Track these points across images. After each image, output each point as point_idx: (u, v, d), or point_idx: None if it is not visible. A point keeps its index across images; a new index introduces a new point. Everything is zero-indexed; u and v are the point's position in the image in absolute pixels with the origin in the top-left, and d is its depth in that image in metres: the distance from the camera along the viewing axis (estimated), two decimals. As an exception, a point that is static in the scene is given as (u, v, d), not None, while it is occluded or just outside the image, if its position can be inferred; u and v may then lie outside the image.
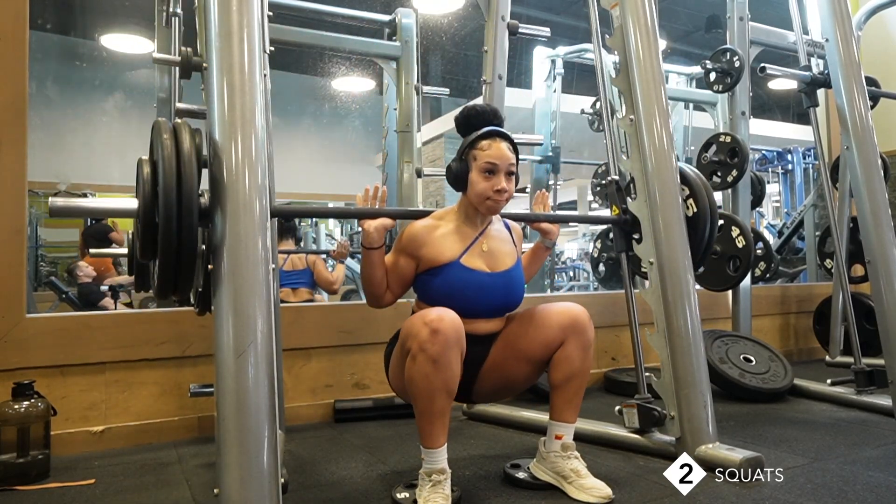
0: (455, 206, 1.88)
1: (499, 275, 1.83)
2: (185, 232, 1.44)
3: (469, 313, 1.76)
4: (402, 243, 1.82)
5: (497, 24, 2.62)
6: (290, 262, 3.78)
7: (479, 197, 1.79)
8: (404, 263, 1.82)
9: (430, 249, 1.79)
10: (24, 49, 2.29)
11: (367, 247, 1.77)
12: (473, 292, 1.79)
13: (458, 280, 1.78)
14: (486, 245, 1.85)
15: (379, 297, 1.85)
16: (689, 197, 2.20)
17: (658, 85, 2.22)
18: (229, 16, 1.55)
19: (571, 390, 1.80)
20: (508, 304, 1.88)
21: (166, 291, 1.55)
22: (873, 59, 4.41)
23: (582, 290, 9.09)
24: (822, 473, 1.91)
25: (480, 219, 1.86)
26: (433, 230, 1.82)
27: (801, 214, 5.27)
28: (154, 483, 1.95)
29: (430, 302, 1.77)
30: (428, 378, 1.58)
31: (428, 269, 1.80)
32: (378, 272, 1.80)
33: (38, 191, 7.21)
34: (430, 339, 1.57)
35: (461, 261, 1.79)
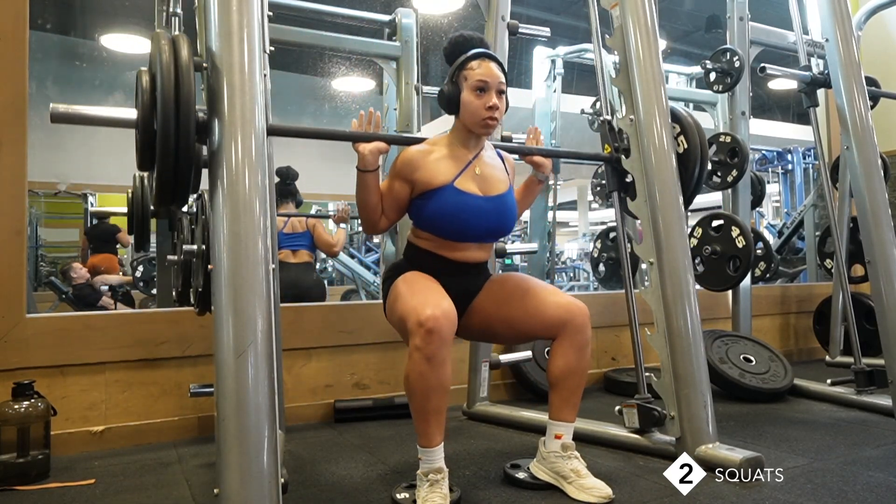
0: (449, 132, 1.91)
1: (492, 198, 1.86)
2: (183, 139, 1.47)
3: (462, 236, 1.81)
4: (396, 168, 1.85)
5: (497, 24, 2.62)
6: (290, 224, 3.77)
7: (472, 116, 1.81)
8: (399, 188, 1.84)
9: (424, 173, 1.81)
10: (24, 49, 2.29)
11: (362, 169, 1.79)
12: (467, 215, 1.81)
13: (452, 203, 1.80)
14: (480, 169, 1.87)
15: (374, 221, 1.88)
16: (680, 134, 2.26)
17: (658, 85, 2.22)
18: (229, 16, 1.55)
19: (569, 389, 1.81)
20: (501, 228, 1.91)
21: (165, 199, 1.56)
22: (873, 59, 4.41)
23: (582, 290, 9.09)
24: (822, 473, 1.91)
25: (474, 142, 1.88)
26: (427, 155, 1.84)
27: (801, 214, 5.27)
28: (154, 483, 1.95)
29: (426, 226, 1.83)
30: (423, 376, 1.61)
31: (422, 192, 1.82)
32: (373, 196, 1.83)
33: (38, 191, 7.22)
34: (425, 339, 1.59)
35: (455, 184, 1.82)
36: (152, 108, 1.49)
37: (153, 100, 1.48)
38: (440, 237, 1.83)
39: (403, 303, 1.71)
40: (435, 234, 1.83)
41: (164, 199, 1.56)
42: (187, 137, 1.47)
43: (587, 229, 13.26)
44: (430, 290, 1.71)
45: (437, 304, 1.63)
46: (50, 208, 8.20)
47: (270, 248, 1.51)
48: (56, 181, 7.62)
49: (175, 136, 1.46)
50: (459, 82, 1.83)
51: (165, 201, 1.57)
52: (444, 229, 1.80)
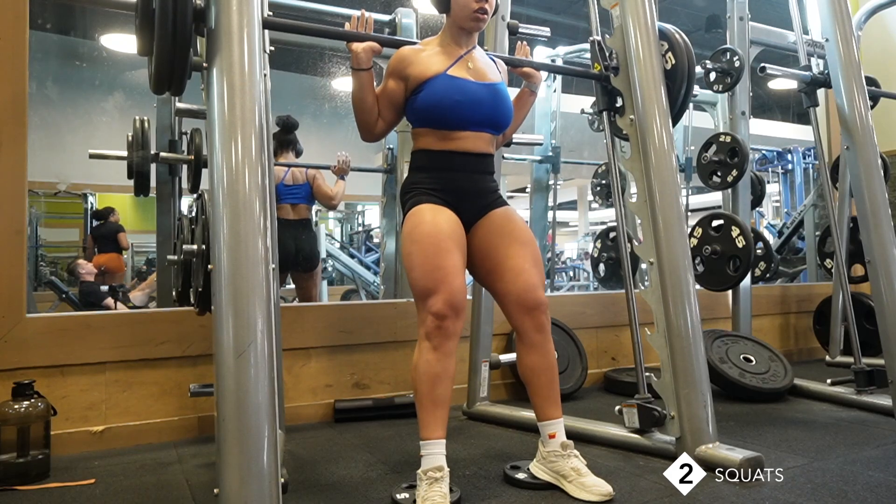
0: (440, 33, 1.95)
1: (486, 84, 1.89)
2: (180, 20, 1.50)
3: (458, 120, 1.83)
4: (391, 67, 1.89)
5: (497, 23, 2.62)
6: (291, 174, 3.72)
7: (462, 10, 1.85)
8: (394, 86, 1.88)
9: (417, 67, 1.85)
10: (24, 49, 2.29)
11: (356, 68, 1.84)
12: (461, 97, 1.84)
13: (445, 86, 1.83)
14: (472, 63, 1.91)
15: (371, 123, 1.91)
16: (668, 51, 2.29)
17: (658, 85, 2.22)
18: (229, 17, 1.55)
19: (543, 386, 1.84)
20: (496, 115, 1.91)
21: (162, 84, 1.59)
22: (873, 59, 4.41)
23: (582, 290, 9.09)
24: (822, 473, 1.91)
25: (465, 39, 1.92)
26: (420, 52, 1.89)
27: (801, 214, 5.26)
28: (154, 483, 1.95)
29: (422, 116, 1.85)
30: (430, 364, 1.68)
31: (416, 86, 1.85)
32: (368, 96, 1.87)
33: (38, 191, 7.21)
34: (434, 332, 1.69)
35: (448, 72, 1.85)
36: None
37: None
38: (437, 127, 1.85)
39: (416, 270, 1.74)
40: (432, 123, 1.85)
41: (161, 83, 1.59)
42: (184, 19, 1.51)
43: (587, 229, 13.26)
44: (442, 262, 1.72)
45: (449, 289, 1.69)
46: (50, 208, 8.20)
47: (270, 248, 1.51)
48: (56, 181, 7.62)
49: (172, 16, 1.49)
50: None
51: (163, 86, 1.60)
52: (439, 115, 1.82)
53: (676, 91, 2.30)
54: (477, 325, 2.68)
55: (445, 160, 1.86)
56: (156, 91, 1.64)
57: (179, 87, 1.63)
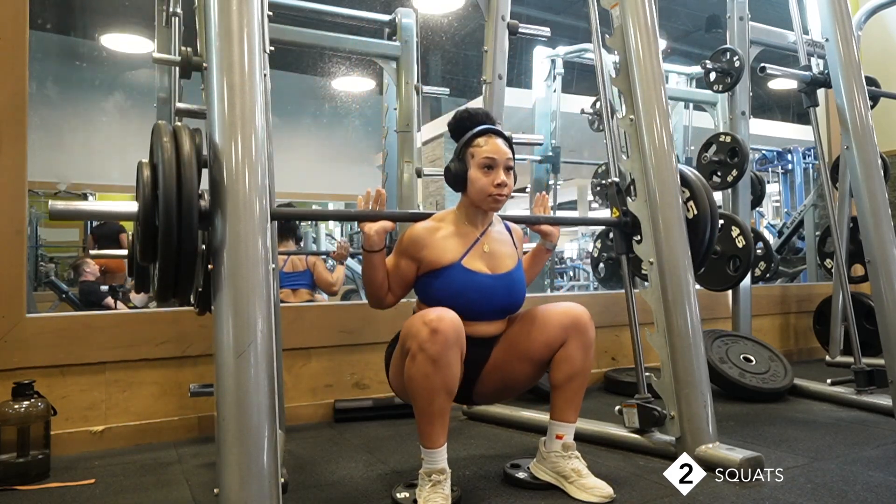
0: (455, 208, 1.88)
1: (500, 276, 1.83)
2: (186, 235, 1.44)
3: (471, 315, 1.76)
4: (403, 246, 1.82)
5: (497, 23, 2.62)
6: (291, 263, 3.78)
7: (480, 193, 1.79)
8: (405, 266, 1.82)
9: (431, 251, 1.79)
10: (24, 49, 2.29)
11: (368, 250, 1.77)
12: (475, 294, 1.78)
13: (460, 282, 1.77)
14: (488, 246, 1.84)
15: (381, 298, 1.85)
16: (690, 199, 2.20)
17: (658, 85, 2.22)
18: (229, 16, 1.55)
19: (572, 390, 1.80)
20: (510, 305, 1.87)
21: (166, 295, 1.55)
22: (873, 59, 4.41)
23: (582, 290, 9.09)
24: (822, 473, 1.91)
25: (481, 219, 1.86)
26: (434, 232, 1.82)
27: (801, 214, 5.27)
28: (154, 483, 1.95)
29: (432, 304, 1.76)
30: (428, 378, 1.58)
31: (429, 271, 1.79)
32: (379, 274, 1.80)
33: (38, 191, 7.21)
34: (429, 338, 1.57)
35: (462, 262, 1.79)
36: (153, 202, 1.45)
37: (154, 194, 1.45)
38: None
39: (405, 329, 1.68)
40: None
41: (164, 295, 1.55)
42: (190, 234, 1.45)
43: (587, 229, 13.25)
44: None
45: (442, 311, 1.62)
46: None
47: (270, 248, 1.51)
48: (56, 181, 7.62)
49: (178, 232, 1.43)
50: (466, 159, 1.81)
51: (167, 296, 1.55)
52: (452, 308, 1.68)
53: (700, 240, 2.17)
54: (477, 325, 2.67)
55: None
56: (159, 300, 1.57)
57: (186, 293, 1.58)
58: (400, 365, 1.72)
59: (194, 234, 1.46)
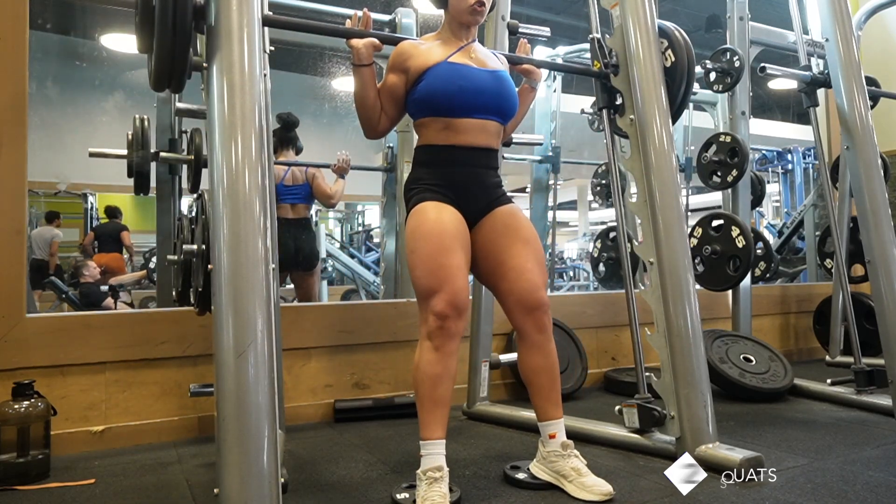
0: (439, 29, 1.95)
1: (489, 70, 1.89)
2: (180, 17, 1.50)
3: (461, 105, 1.81)
4: (391, 61, 1.89)
5: (497, 23, 2.62)
6: (291, 174, 3.71)
7: (460, 3, 1.84)
8: (395, 80, 1.88)
9: (417, 59, 1.85)
10: (24, 49, 2.28)
11: (357, 63, 1.83)
12: (464, 82, 1.83)
13: (448, 72, 1.83)
14: (473, 53, 1.91)
15: (374, 120, 1.91)
16: (668, 48, 2.28)
17: (658, 85, 2.22)
18: (229, 16, 1.55)
19: (544, 387, 1.84)
20: (502, 102, 1.89)
21: (162, 80, 1.59)
22: (873, 59, 4.41)
23: (582, 290, 9.09)
24: (822, 473, 1.91)
25: (465, 33, 1.91)
26: (420, 45, 1.89)
27: (801, 214, 5.26)
28: (154, 483, 1.95)
29: (424, 105, 1.83)
30: (432, 364, 1.68)
31: (417, 77, 1.84)
32: (371, 92, 1.86)
33: (38, 191, 7.21)
34: (436, 332, 1.68)
35: (448, 60, 1.85)
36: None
37: None
38: (441, 114, 1.82)
39: (419, 271, 1.73)
40: (435, 111, 1.83)
41: (161, 79, 1.59)
42: (184, 16, 1.51)
43: (587, 229, 13.26)
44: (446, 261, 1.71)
45: (451, 289, 1.68)
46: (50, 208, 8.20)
47: (270, 248, 1.51)
48: (56, 181, 7.62)
49: (172, 13, 1.49)
50: None
51: (163, 82, 1.60)
52: (443, 100, 1.80)
53: (676, 89, 2.29)
54: (477, 325, 2.68)
55: (448, 155, 1.84)
56: (155, 88, 1.64)
57: (179, 84, 1.63)
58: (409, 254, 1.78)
59: (188, 16, 1.52)
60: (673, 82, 2.27)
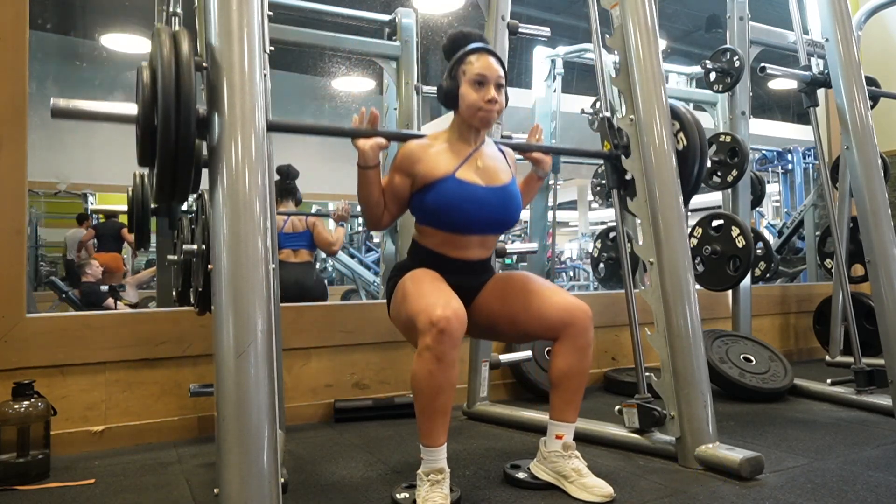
0: (448, 127, 1.90)
1: (494, 188, 1.85)
2: (183, 135, 1.46)
3: (465, 227, 1.80)
4: (397, 162, 1.85)
5: (497, 23, 2.62)
6: (291, 223, 3.76)
7: (470, 109, 1.80)
8: (400, 181, 1.84)
9: (424, 165, 1.80)
10: (24, 49, 2.28)
11: (363, 166, 1.78)
12: (469, 205, 1.79)
13: (454, 193, 1.78)
14: (481, 162, 1.86)
15: (377, 217, 1.87)
16: (680, 131, 2.25)
17: (658, 85, 2.22)
18: (229, 16, 1.55)
19: (571, 390, 1.80)
20: (504, 219, 1.88)
21: (164, 196, 1.57)
22: (873, 59, 4.41)
23: (582, 290, 9.09)
24: (822, 473, 1.91)
25: (474, 136, 1.87)
26: (428, 148, 1.83)
27: (801, 214, 5.27)
28: (154, 483, 1.95)
29: (428, 219, 1.81)
30: (432, 375, 1.59)
31: (423, 185, 1.81)
32: (375, 191, 1.82)
33: (38, 191, 7.22)
34: (436, 339, 1.58)
35: (456, 175, 1.80)
36: (153, 104, 1.48)
37: (154, 95, 1.48)
38: (443, 230, 1.82)
39: (412, 302, 1.69)
40: (437, 226, 1.82)
41: (163, 195, 1.56)
42: (187, 133, 1.47)
43: (587, 229, 13.26)
44: (438, 290, 1.70)
45: (448, 303, 1.62)
46: (50, 208, 8.20)
47: (270, 249, 1.51)
48: (56, 181, 7.62)
49: (175, 132, 1.45)
50: (458, 76, 1.82)
51: (165, 198, 1.57)
52: (446, 220, 1.77)
53: (689, 170, 2.24)
54: (477, 325, 2.67)
55: (446, 263, 1.83)
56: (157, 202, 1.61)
57: (183, 198, 1.60)
58: (399, 306, 1.75)
59: (192, 134, 1.48)
60: (685, 164, 2.22)
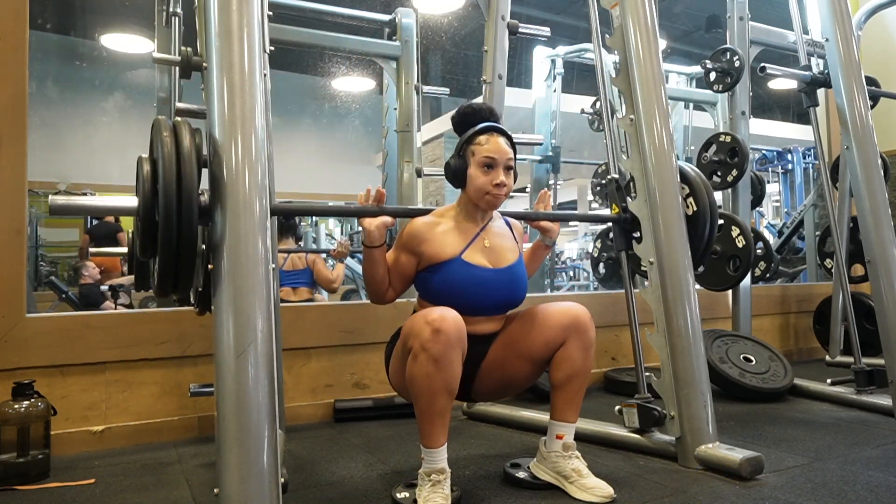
0: (455, 204, 1.88)
1: (501, 271, 1.83)
2: (185, 230, 1.44)
3: (472, 310, 1.76)
4: (403, 240, 1.83)
5: (497, 23, 2.62)
6: (291, 261, 3.79)
7: (478, 192, 1.79)
8: (405, 260, 1.82)
9: (431, 246, 1.79)
10: (24, 49, 2.29)
11: (369, 245, 1.77)
12: (476, 288, 1.78)
13: (460, 276, 1.77)
14: (488, 241, 1.85)
15: (381, 294, 1.86)
16: (689, 196, 2.20)
17: (658, 85, 2.22)
18: (229, 16, 1.55)
19: (572, 390, 1.80)
20: (511, 300, 1.87)
21: (166, 290, 1.55)
22: (873, 59, 4.41)
23: (582, 290, 9.09)
24: (822, 473, 1.91)
25: (481, 215, 1.86)
26: (434, 227, 1.82)
27: (801, 214, 5.27)
28: (154, 483, 1.95)
29: (433, 300, 1.77)
30: (429, 377, 1.58)
31: (429, 265, 1.80)
32: (380, 270, 1.81)
33: (38, 191, 7.22)
34: (432, 338, 1.56)
35: (462, 257, 1.79)
36: (153, 198, 1.45)
37: (154, 189, 1.45)
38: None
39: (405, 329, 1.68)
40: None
41: (164, 290, 1.55)
42: (190, 229, 1.44)
43: (587, 229, 13.25)
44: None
45: (444, 311, 1.61)
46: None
47: (270, 248, 1.51)
48: (56, 181, 7.62)
49: (177, 226, 1.43)
50: (467, 156, 1.81)
51: (166, 291, 1.55)
52: (452, 303, 1.69)
53: (699, 236, 2.18)
54: (477, 325, 2.67)
55: None
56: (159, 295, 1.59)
57: (186, 289, 1.58)
58: (400, 363, 1.72)
59: (194, 229, 1.46)
60: (695, 231, 2.17)
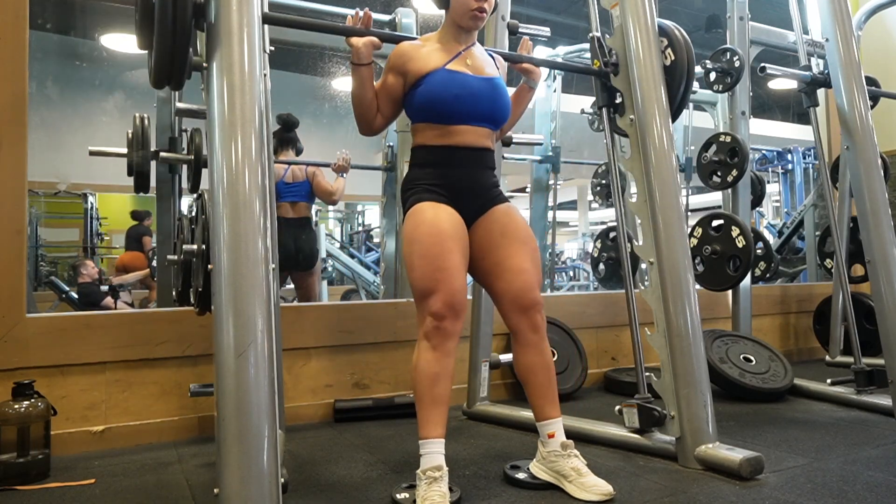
0: (439, 30, 1.96)
1: (484, 79, 1.90)
2: (180, 15, 1.51)
3: (457, 114, 1.84)
4: (390, 63, 1.91)
5: (497, 23, 2.62)
6: (291, 172, 3.71)
7: (461, 8, 1.86)
8: (393, 81, 1.90)
9: (416, 63, 1.87)
10: (24, 49, 2.29)
11: (356, 62, 1.84)
12: (460, 90, 1.84)
13: (445, 81, 1.84)
14: (471, 60, 1.92)
15: (370, 119, 1.93)
16: (668, 47, 2.28)
17: (658, 85, 2.22)
18: (229, 16, 1.55)
19: (540, 385, 1.85)
20: (495, 111, 1.92)
21: (162, 77, 1.60)
22: (873, 59, 4.41)
23: (582, 290, 9.09)
24: (822, 473, 1.91)
25: (464, 37, 1.93)
26: (420, 48, 1.90)
27: (801, 214, 5.26)
28: (154, 483, 1.96)
29: (421, 111, 1.86)
30: (430, 363, 1.70)
31: (415, 80, 1.86)
32: (368, 91, 1.88)
33: (38, 191, 7.22)
34: (433, 333, 1.71)
35: (446, 67, 1.86)
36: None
37: None
38: (437, 121, 1.85)
39: (416, 272, 1.75)
40: (431, 117, 1.86)
41: (161, 77, 1.60)
42: (184, 14, 1.52)
43: (587, 229, 13.26)
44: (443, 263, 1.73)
45: (449, 290, 1.70)
46: (50, 208, 8.20)
47: (270, 248, 1.51)
48: (56, 181, 7.62)
49: (172, 11, 1.50)
50: None
51: (163, 79, 1.61)
52: (439, 108, 1.83)
53: (676, 88, 2.28)
54: (477, 325, 2.68)
55: (445, 155, 1.86)
56: (155, 85, 1.66)
57: (179, 82, 1.63)
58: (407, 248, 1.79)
59: (188, 13, 1.53)
60: (672, 81, 2.27)
